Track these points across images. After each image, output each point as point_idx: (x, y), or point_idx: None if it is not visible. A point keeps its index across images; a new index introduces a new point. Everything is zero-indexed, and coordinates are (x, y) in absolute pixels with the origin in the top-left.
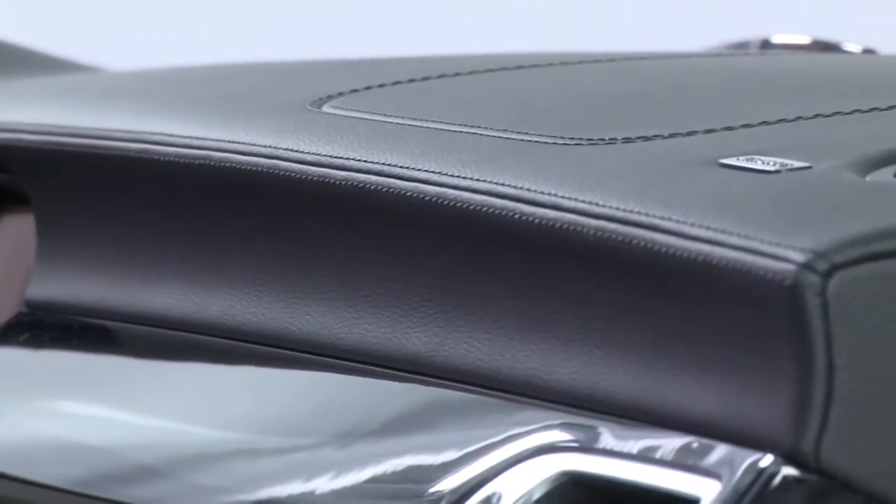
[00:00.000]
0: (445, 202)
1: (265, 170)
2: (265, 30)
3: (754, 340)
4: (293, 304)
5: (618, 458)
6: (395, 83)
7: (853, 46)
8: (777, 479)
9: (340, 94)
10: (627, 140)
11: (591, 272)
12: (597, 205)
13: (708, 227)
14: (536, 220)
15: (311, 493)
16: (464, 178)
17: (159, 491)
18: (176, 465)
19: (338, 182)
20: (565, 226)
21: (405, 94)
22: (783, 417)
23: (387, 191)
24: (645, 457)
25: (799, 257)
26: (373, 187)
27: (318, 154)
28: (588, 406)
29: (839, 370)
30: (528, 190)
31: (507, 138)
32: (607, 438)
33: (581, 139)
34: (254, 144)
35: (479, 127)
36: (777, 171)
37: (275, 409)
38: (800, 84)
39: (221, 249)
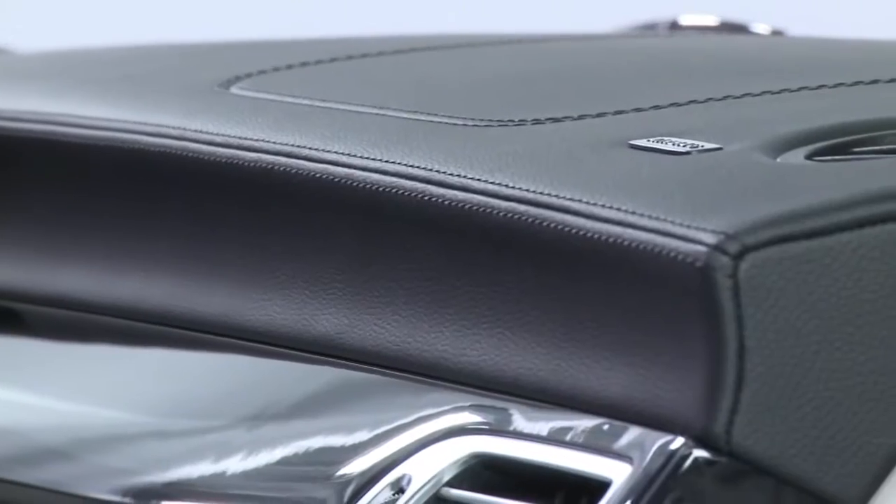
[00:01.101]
0: (355, 184)
1: (174, 151)
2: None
3: (666, 322)
4: (203, 285)
5: (528, 440)
6: (303, 64)
7: (762, 27)
8: (688, 462)
9: (249, 75)
10: (537, 122)
11: (501, 254)
12: (507, 186)
13: (619, 209)
14: (446, 202)
15: (221, 475)
16: (373, 159)
17: (67, 473)
18: (85, 448)
19: (247, 163)
20: (475, 208)
21: (314, 75)
22: (695, 400)
23: (296, 172)
24: (556, 439)
25: (710, 239)
26: (282, 169)
27: (227, 135)
28: (498, 388)
29: (750, 352)
30: (438, 171)
31: (416, 120)
32: (518, 420)
33: (491, 121)
34: (162, 126)
35: (388, 108)
36: (688, 153)
37: (184, 391)
38: (710, 65)
39: (131, 231)
